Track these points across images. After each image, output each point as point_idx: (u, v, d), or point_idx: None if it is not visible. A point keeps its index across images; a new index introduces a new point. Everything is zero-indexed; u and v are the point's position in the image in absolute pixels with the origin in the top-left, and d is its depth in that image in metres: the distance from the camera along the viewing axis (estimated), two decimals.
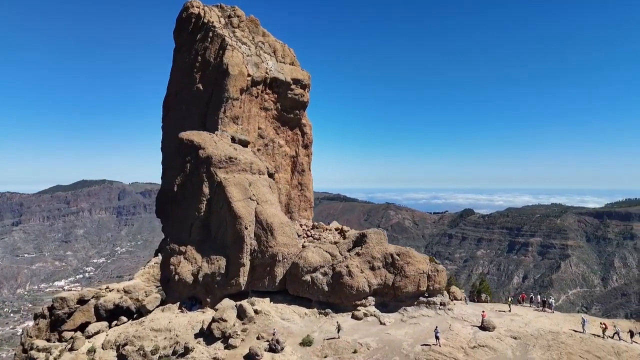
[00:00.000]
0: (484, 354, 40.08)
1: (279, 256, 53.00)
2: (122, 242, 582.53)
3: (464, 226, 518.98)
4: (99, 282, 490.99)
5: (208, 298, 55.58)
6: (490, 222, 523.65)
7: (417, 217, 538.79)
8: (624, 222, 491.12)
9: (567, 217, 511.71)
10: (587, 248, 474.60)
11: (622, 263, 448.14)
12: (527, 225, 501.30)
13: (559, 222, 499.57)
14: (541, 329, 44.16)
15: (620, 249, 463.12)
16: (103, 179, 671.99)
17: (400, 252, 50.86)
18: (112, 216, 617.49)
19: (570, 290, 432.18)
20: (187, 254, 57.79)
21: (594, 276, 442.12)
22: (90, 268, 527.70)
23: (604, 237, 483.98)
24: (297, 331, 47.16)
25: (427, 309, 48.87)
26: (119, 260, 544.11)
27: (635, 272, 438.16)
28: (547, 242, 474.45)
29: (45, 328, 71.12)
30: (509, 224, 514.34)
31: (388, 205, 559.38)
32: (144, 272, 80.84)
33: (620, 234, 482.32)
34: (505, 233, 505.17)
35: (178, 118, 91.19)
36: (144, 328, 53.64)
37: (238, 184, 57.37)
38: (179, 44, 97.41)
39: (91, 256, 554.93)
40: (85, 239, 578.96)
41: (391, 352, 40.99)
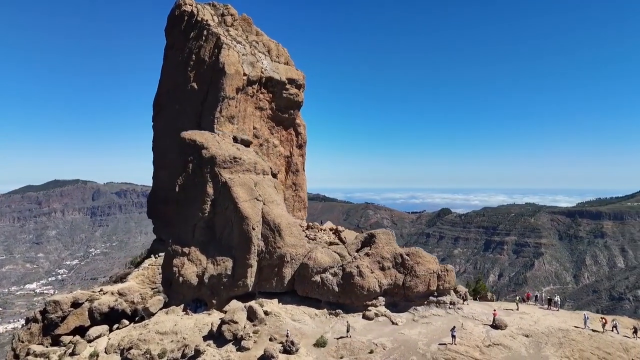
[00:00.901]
0: (499, 352, 40.74)
1: (287, 257, 52.77)
2: (96, 244, 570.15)
3: (441, 225, 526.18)
4: (72, 284, 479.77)
5: (214, 300, 54.94)
6: (466, 221, 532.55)
7: (395, 216, 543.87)
8: (594, 221, 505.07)
9: (541, 216, 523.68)
10: (560, 246, 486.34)
11: (593, 261, 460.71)
12: (502, 225, 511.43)
13: (533, 221, 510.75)
14: (551, 327, 45.17)
15: (591, 247, 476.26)
16: (76, 179, 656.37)
17: (410, 252, 51.29)
18: (85, 217, 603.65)
19: (544, 288, 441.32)
20: (190, 255, 56.94)
21: (566, 273, 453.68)
22: (63, 270, 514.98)
23: (576, 236, 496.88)
24: (309, 332, 47.06)
25: (437, 309, 49.39)
26: (94, 262, 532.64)
27: (606, 270, 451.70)
28: (521, 241, 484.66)
29: (37, 332, 69.12)
30: (485, 223, 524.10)
31: (367, 205, 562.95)
32: (138, 274, 79.27)
33: (591, 233, 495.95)
34: (482, 232, 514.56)
35: (171, 117, 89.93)
36: (148, 331, 52.67)
37: (244, 184, 56.88)
38: (170, 41, 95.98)
39: (64, 258, 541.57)
40: (57, 241, 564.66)
41: (408, 352, 41.28)
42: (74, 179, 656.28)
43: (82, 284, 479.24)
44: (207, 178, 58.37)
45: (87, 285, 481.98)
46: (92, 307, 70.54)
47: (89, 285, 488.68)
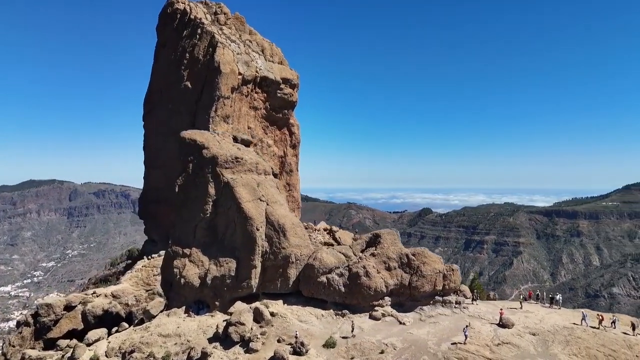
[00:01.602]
0: (509, 350, 41.25)
1: (291, 257, 52.51)
2: (73, 245, 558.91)
3: (422, 225, 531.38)
4: (49, 287, 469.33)
5: (217, 301, 54.37)
6: (447, 220, 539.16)
7: (377, 216, 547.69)
8: (571, 220, 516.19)
9: (519, 216, 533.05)
10: (538, 245, 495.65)
11: (569, 259, 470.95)
12: (482, 224, 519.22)
13: (512, 221, 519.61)
14: (556, 325, 45.93)
15: (567, 245, 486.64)
16: (52, 179, 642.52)
17: (415, 252, 51.56)
18: (62, 218, 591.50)
19: (522, 286, 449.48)
20: (192, 256, 56.24)
21: (543, 271, 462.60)
22: (39, 272, 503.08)
23: (553, 235, 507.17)
24: (317, 333, 46.86)
25: (443, 308, 49.77)
26: (71, 264, 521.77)
27: (582, 268, 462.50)
28: (500, 240, 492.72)
29: (29, 336, 67.53)
30: (465, 222, 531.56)
31: (349, 205, 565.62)
32: (132, 276, 78.05)
33: (568, 232, 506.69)
34: (462, 231, 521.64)
35: (164, 116, 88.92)
36: (150, 334, 51.69)
37: (246, 184, 56.44)
38: (162, 39, 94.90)
39: (40, 260, 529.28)
40: (33, 242, 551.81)
41: (418, 352, 41.46)
42: (50, 179, 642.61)
43: (58, 286, 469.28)
44: (209, 178, 57.72)
45: (64, 288, 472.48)
46: (86, 310, 69.24)
47: (65, 288, 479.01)
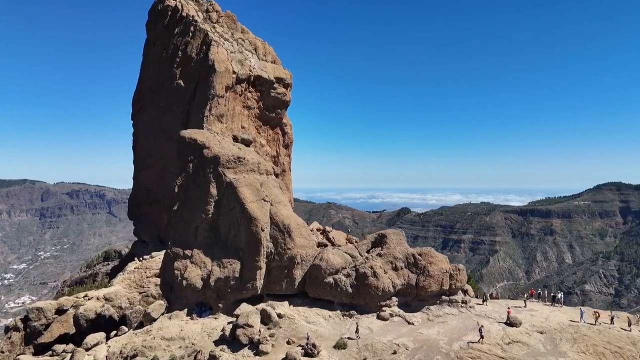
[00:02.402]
0: (519, 349, 41.77)
1: (297, 258, 52.08)
2: (45, 247, 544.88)
3: (401, 224, 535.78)
4: (20, 289, 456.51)
5: (220, 303, 53.59)
6: (425, 220, 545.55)
7: (357, 215, 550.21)
8: (544, 219, 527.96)
9: (495, 215, 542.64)
10: (513, 243, 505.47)
11: (543, 257, 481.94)
12: (459, 223, 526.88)
13: (488, 220, 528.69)
14: (562, 323, 46.75)
15: (541, 244, 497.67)
16: (24, 179, 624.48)
17: (422, 252, 51.73)
18: (34, 218, 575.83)
19: (498, 284, 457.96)
20: (194, 257, 55.28)
21: (518, 269, 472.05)
22: (10, 275, 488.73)
23: (528, 233, 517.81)
24: (326, 334, 46.59)
25: (450, 308, 50.08)
26: (43, 266, 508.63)
27: (555, 265, 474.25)
28: (477, 239, 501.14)
29: (19, 342, 65.30)
30: (442, 221, 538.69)
31: (329, 204, 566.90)
32: (124, 278, 76.25)
33: (542, 230, 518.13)
34: (440, 230, 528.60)
35: (155, 115, 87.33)
36: (152, 337, 50.66)
37: (250, 184, 55.75)
38: (152, 37, 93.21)
39: (10, 262, 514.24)
40: (3, 244, 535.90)
41: (431, 352, 41.61)
42: (21, 179, 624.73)
43: (30, 289, 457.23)
44: (210, 178, 56.84)
45: (36, 291, 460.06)
46: (78, 314, 67.40)
47: (38, 291, 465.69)
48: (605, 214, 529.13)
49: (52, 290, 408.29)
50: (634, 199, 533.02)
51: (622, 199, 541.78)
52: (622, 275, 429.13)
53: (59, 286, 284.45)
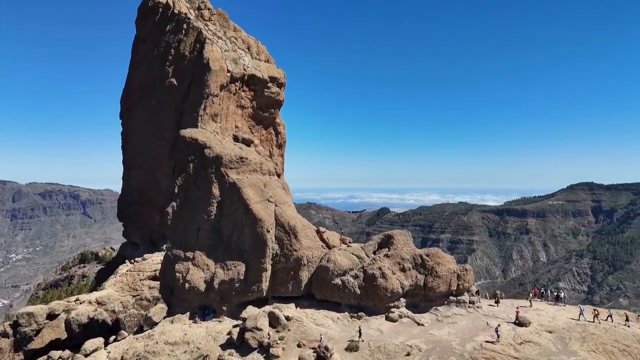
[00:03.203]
0: (532, 349, 42.05)
1: (303, 260, 51.43)
2: (17, 249, 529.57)
3: (380, 224, 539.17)
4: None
5: (224, 306, 52.51)
6: (404, 219, 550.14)
7: (337, 216, 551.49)
8: (520, 219, 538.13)
9: (472, 215, 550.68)
10: (490, 243, 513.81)
11: (519, 255, 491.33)
12: (437, 223, 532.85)
13: (466, 219, 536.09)
14: (568, 322, 47.32)
15: (517, 243, 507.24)
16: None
17: (429, 252, 51.73)
18: (5, 220, 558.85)
19: (476, 282, 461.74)
20: (196, 260, 54.03)
21: (495, 268, 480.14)
22: None
23: (504, 233, 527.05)
24: (336, 336, 46.09)
25: (458, 308, 50.18)
26: (15, 269, 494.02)
27: (530, 264, 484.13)
28: (455, 238, 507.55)
29: (8, 349, 62.99)
30: (421, 221, 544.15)
31: (309, 204, 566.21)
32: (117, 281, 74.26)
33: (517, 230, 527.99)
34: (419, 230, 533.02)
35: (146, 114, 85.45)
36: (155, 342, 49.24)
37: (253, 185, 54.84)
38: (142, 34, 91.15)
39: None
40: None
41: (445, 353, 41.53)
42: None
43: (2, 292, 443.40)
44: (212, 179, 55.66)
45: (8, 294, 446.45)
46: (70, 318, 65.31)
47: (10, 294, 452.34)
48: (578, 214, 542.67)
49: (24, 293, 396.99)
50: (605, 198, 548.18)
51: (594, 198, 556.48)
52: (594, 273, 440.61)
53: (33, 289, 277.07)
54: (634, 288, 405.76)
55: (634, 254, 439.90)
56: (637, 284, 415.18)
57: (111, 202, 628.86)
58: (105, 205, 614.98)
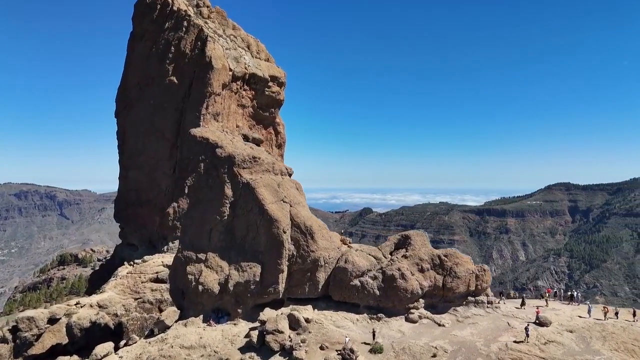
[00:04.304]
0: (556, 349, 42.19)
1: (320, 261, 50.72)
2: None
3: (363, 224, 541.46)
4: None
5: (239, 309, 51.44)
6: (387, 219, 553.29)
7: (319, 216, 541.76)
8: (500, 218, 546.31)
9: (453, 215, 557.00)
10: (471, 242, 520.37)
11: (499, 254, 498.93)
12: (419, 222, 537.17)
13: (447, 219, 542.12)
14: (587, 321, 47.73)
15: (497, 242, 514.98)
16: None
17: (447, 253, 51.58)
18: None
19: None
20: (208, 261, 52.80)
21: None
22: None
23: (484, 232, 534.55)
24: (357, 338, 45.45)
25: (476, 308, 50.13)
26: None
27: (510, 263, 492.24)
28: (437, 238, 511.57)
29: (7, 354, 60.78)
30: (403, 221, 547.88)
31: None
32: (117, 284, 72.24)
33: (497, 229, 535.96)
34: (401, 230, 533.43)
35: (145, 113, 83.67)
36: (170, 346, 48.02)
37: (267, 185, 53.88)
38: (139, 31, 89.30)
39: None
40: None
41: (471, 354, 41.38)
42: None
43: None
44: (225, 179, 54.51)
45: None
46: (71, 323, 63.52)
47: None
48: (556, 213, 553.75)
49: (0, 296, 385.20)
50: (582, 198, 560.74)
51: (571, 198, 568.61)
52: (571, 272, 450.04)
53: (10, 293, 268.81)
54: (610, 286, 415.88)
55: (609, 252, 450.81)
56: (613, 282, 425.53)
57: (89, 203, 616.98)
58: (82, 206, 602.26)
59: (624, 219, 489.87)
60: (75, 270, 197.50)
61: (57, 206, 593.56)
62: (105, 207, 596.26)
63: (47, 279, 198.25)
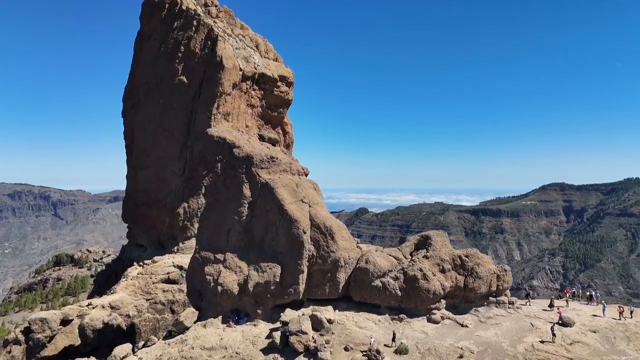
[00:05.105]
0: (582, 349, 42.20)
1: (341, 261, 50.43)
2: None
3: (359, 224, 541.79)
4: None
5: (259, 309, 51.02)
6: (382, 219, 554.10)
7: None
8: (495, 218, 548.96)
9: (449, 215, 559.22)
10: (466, 242, 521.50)
11: (494, 254, 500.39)
12: (415, 222, 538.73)
13: (442, 219, 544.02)
14: (609, 321, 47.78)
15: (492, 242, 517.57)
16: None
17: (468, 253, 51.49)
18: None
19: None
20: (227, 262, 52.35)
21: None
22: None
23: (479, 232, 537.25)
24: (381, 339, 45.32)
25: (498, 309, 50.06)
26: None
27: (505, 262, 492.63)
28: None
29: (20, 356, 60.09)
30: (399, 221, 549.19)
31: None
32: (128, 284, 71.56)
33: (493, 229, 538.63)
34: (396, 230, 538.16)
35: (154, 112, 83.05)
36: (190, 347, 47.51)
37: (286, 185, 53.52)
38: (147, 30, 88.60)
39: None
40: None
41: (498, 355, 41.28)
42: None
43: None
44: (243, 179, 54.07)
45: None
46: (84, 324, 62.94)
47: None
48: (550, 213, 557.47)
49: None
50: (576, 198, 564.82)
51: (565, 198, 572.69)
52: (566, 271, 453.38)
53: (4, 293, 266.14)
54: (604, 285, 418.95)
55: (603, 252, 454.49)
56: (607, 281, 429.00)
57: (83, 203, 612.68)
58: (77, 206, 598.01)
59: (618, 219, 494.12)
60: (72, 271, 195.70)
61: (51, 206, 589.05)
62: (100, 207, 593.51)
63: (42, 280, 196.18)
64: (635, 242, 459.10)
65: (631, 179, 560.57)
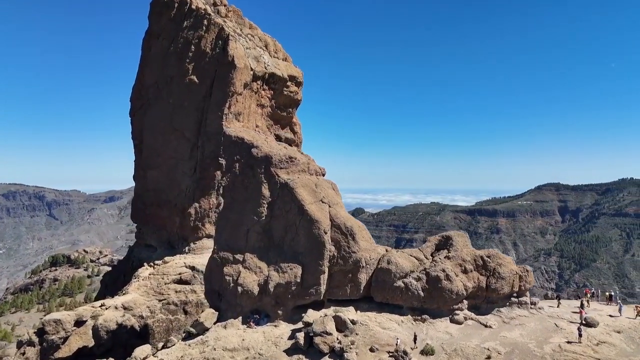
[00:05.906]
0: (609, 350, 42.17)
1: (362, 262, 50.19)
2: None
3: None
4: None
5: (279, 310, 50.68)
6: (379, 219, 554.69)
7: None
8: (491, 218, 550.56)
9: (445, 215, 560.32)
10: None
11: None
12: (411, 223, 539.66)
13: (439, 219, 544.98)
14: (632, 322, 47.85)
15: (488, 242, 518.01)
16: None
17: (489, 254, 51.44)
18: None
19: None
20: (247, 262, 51.96)
21: None
22: None
23: (475, 232, 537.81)
24: (406, 340, 45.10)
25: (520, 309, 49.96)
26: None
27: None
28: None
29: (34, 357, 59.37)
30: (395, 221, 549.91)
31: None
32: (140, 285, 70.91)
33: (489, 229, 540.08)
34: (393, 230, 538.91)
35: (164, 112, 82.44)
36: (212, 348, 47.11)
37: (306, 185, 53.20)
38: (156, 30, 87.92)
39: None
40: None
41: (525, 356, 41.15)
42: None
43: None
44: (262, 179, 53.71)
45: None
46: (97, 325, 62.32)
47: None
48: (546, 213, 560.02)
49: None
50: (571, 198, 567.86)
51: (561, 198, 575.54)
52: (562, 271, 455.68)
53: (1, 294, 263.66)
54: (600, 285, 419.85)
55: (599, 252, 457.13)
56: (602, 281, 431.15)
57: (78, 204, 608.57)
58: (72, 206, 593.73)
59: (613, 219, 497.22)
60: (68, 272, 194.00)
61: (46, 206, 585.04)
62: (95, 207, 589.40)
63: (39, 280, 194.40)
64: (630, 242, 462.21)
65: (626, 179, 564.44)
